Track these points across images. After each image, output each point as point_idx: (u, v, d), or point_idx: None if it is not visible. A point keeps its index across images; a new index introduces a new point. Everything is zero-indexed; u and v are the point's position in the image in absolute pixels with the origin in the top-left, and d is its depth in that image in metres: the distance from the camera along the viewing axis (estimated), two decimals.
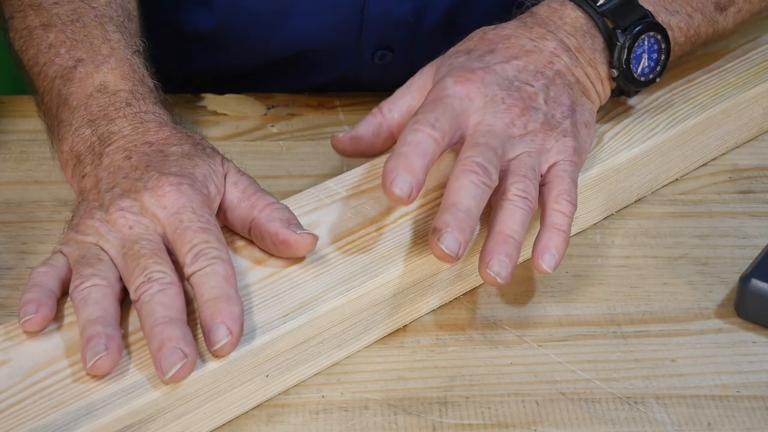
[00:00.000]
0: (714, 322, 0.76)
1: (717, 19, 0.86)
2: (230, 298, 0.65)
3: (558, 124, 0.77)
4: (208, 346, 0.64)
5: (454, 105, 0.75)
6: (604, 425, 0.68)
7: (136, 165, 0.71)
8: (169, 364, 0.62)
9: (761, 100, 0.91)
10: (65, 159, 0.76)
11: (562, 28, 0.81)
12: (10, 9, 0.85)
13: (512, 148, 0.75)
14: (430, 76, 0.80)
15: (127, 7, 0.84)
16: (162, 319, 0.63)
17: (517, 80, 0.77)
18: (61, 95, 0.77)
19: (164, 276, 0.65)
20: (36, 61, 0.80)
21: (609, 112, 0.85)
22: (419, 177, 0.71)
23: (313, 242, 0.70)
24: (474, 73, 0.76)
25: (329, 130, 0.93)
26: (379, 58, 1.01)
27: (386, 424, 0.68)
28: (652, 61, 0.82)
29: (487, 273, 0.70)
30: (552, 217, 0.74)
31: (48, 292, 0.67)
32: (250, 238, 0.72)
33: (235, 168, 0.74)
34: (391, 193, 0.70)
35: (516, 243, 0.71)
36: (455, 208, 0.70)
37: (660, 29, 0.82)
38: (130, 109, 0.75)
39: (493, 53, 0.79)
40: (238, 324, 0.64)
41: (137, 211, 0.69)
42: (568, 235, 0.74)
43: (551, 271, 0.72)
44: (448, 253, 0.69)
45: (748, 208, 0.85)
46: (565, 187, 0.75)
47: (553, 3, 0.82)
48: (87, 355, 0.62)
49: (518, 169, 0.74)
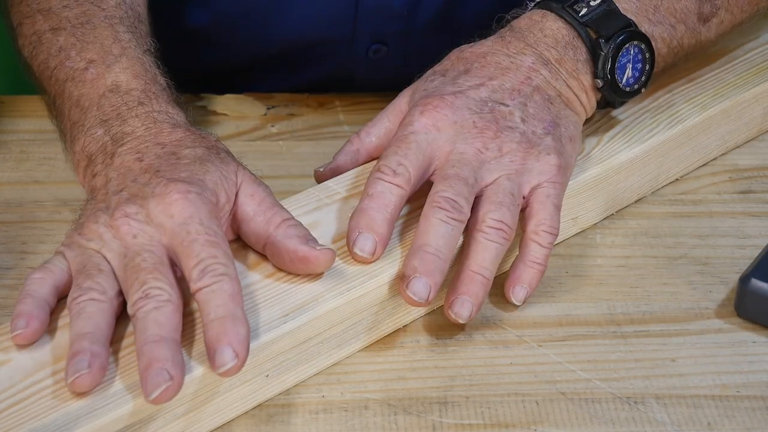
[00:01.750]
0: (714, 322, 0.76)
1: (700, 30, 0.85)
2: (236, 318, 0.64)
3: (539, 141, 0.76)
4: (213, 367, 0.63)
5: (419, 141, 0.74)
6: (604, 425, 0.68)
7: (146, 168, 0.70)
8: (153, 385, 0.61)
9: (761, 100, 0.91)
10: (77, 160, 0.75)
11: (542, 40, 0.80)
12: (18, 15, 0.84)
13: (488, 173, 0.74)
14: (407, 99, 0.80)
15: (137, 9, 0.84)
16: (153, 337, 0.63)
17: (490, 101, 0.76)
18: (73, 97, 0.77)
19: (162, 293, 0.64)
20: (47, 66, 0.80)
21: (609, 112, 0.85)
22: (382, 232, 0.71)
23: (332, 258, 0.69)
24: (443, 100, 0.76)
25: (329, 130, 0.93)
26: (373, 52, 1.01)
27: (386, 424, 0.68)
28: (636, 71, 0.81)
29: (449, 313, 0.71)
30: (529, 248, 0.74)
31: (40, 303, 0.66)
32: (264, 253, 0.71)
33: (250, 176, 0.73)
34: (354, 255, 0.71)
35: (484, 280, 0.71)
36: (423, 251, 0.70)
37: (644, 39, 0.81)
38: (143, 108, 0.75)
39: (467, 73, 0.78)
40: (244, 346, 0.63)
41: (142, 219, 0.68)
42: (544, 267, 0.74)
43: (520, 304, 0.74)
44: (417, 300, 0.69)
45: (748, 208, 0.85)
46: (546, 216, 0.74)
47: (534, 15, 0.81)
48: (69, 370, 0.62)
49: (495, 195, 0.73)
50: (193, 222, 0.67)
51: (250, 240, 0.72)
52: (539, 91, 0.78)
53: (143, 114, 0.74)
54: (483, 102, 0.76)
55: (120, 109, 0.75)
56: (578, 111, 0.80)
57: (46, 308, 0.66)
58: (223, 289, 0.65)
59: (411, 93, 0.80)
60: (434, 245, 0.70)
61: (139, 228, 0.67)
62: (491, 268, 0.72)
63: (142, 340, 0.63)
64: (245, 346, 0.63)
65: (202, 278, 0.65)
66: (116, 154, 0.72)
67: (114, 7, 0.82)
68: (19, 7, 0.84)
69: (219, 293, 0.64)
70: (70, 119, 0.76)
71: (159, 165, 0.70)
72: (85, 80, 0.77)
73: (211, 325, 0.64)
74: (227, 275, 0.65)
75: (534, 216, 0.74)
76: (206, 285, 0.65)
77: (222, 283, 0.65)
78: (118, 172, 0.71)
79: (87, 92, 0.76)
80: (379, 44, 1.00)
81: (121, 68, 0.77)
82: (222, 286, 0.65)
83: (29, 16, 0.83)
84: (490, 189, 0.74)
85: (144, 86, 0.76)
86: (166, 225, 0.67)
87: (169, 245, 0.67)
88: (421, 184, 0.75)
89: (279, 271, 0.71)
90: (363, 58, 1.01)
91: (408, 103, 0.79)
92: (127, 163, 0.71)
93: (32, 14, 0.82)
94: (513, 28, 0.81)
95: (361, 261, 0.71)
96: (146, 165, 0.71)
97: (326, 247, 0.70)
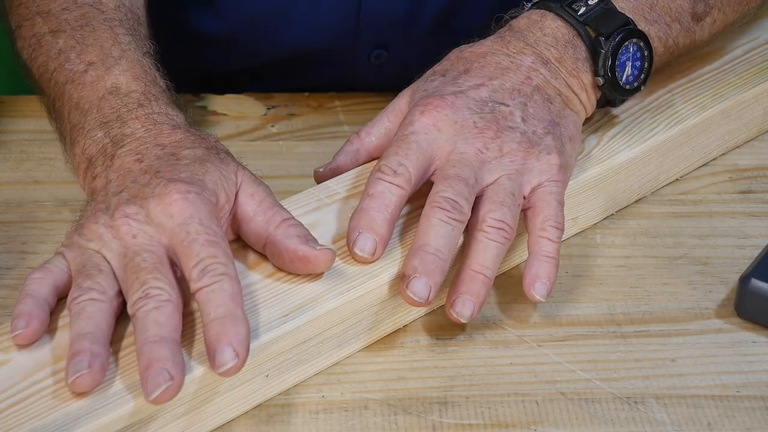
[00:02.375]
0: (714, 322, 0.76)
1: (694, 29, 0.85)
2: (236, 318, 0.64)
3: (539, 141, 0.76)
4: (213, 367, 0.63)
5: (419, 141, 0.74)
6: (604, 425, 0.68)
7: (146, 169, 0.70)
8: (153, 385, 0.61)
9: (761, 100, 0.91)
10: (77, 162, 0.75)
11: (542, 39, 0.80)
12: (17, 18, 0.84)
13: (489, 173, 0.74)
14: (407, 99, 0.80)
15: (136, 11, 0.84)
16: (153, 337, 0.63)
17: (491, 101, 0.76)
18: (73, 99, 0.77)
19: (161, 293, 0.65)
20: (46, 68, 0.80)
21: (609, 112, 0.85)
22: (382, 232, 0.71)
23: (332, 258, 0.69)
24: (443, 100, 0.76)
25: (329, 130, 0.94)
26: (375, 57, 1.01)
27: (386, 424, 0.68)
28: (636, 69, 0.81)
29: (450, 312, 0.71)
30: (539, 244, 0.73)
31: (40, 303, 0.66)
32: (264, 252, 0.71)
33: (250, 177, 0.73)
34: (354, 255, 0.71)
35: (485, 279, 0.71)
36: (423, 251, 0.70)
37: (642, 36, 0.81)
38: (143, 110, 0.75)
39: (467, 73, 0.78)
40: (244, 346, 0.63)
41: (142, 219, 0.68)
42: (558, 261, 0.73)
43: (543, 299, 0.73)
44: (417, 300, 0.69)
45: (748, 208, 0.85)
46: (551, 212, 0.74)
47: (533, 14, 0.81)
48: (69, 371, 0.62)
49: (495, 195, 0.73)
50: (193, 222, 0.67)
51: (250, 240, 0.72)
52: (539, 90, 0.78)
53: (143, 116, 0.74)
54: (483, 102, 0.76)
55: (120, 111, 0.75)
56: (578, 110, 0.80)
57: (46, 308, 0.66)
58: (223, 289, 0.65)
59: (411, 93, 0.80)
60: (434, 245, 0.70)
61: (139, 228, 0.67)
62: (492, 268, 0.72)
63: (143, 340, 0.63)
64: (245, 346, 0.63)
65: (201, 278, 0.65)
66: (116, 155, 0.72)
67: (113, 9, 0.81)
68: (18, 9, 0.84)
69: (219, 293, 0.64)
70: (69, 122, 0.76)
71: (159, 166, 0.70)
72: (84, 83, 0.77)
73: (211, 325, 0.64)
74: (227, 275, 0.65)
75: (540, 213, 0.74)
76: (206, 285, 0.65)
77: (222, 282, 0.65)
78: (118, 174, 0.71)
79: (87, 95, 0.76)
80: (381, 49, 1.00)
81: (121, 70, 0.77)
82: (222, 285, 0.65)
83: (28, 19, 0.83)
84: (491, 189, 0.74)
85: (144, 88, 0.76)
86: (165, 225, 0.67)
87: (169, 245, 0.67)
88: (422, 184, 0.75)
89: (279, 271, 0.71)
90: (365, 64, 1.01)
91: (408, 103, 0.79)
92: (127, 164, 0.71)
93: (31, 17, 0.82)
94: (512, 27, 0.81)
95: (361, 261, 0.71)
96: (146, 166, 0.71)
97: (326, 247, 0.70)
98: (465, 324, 0.74)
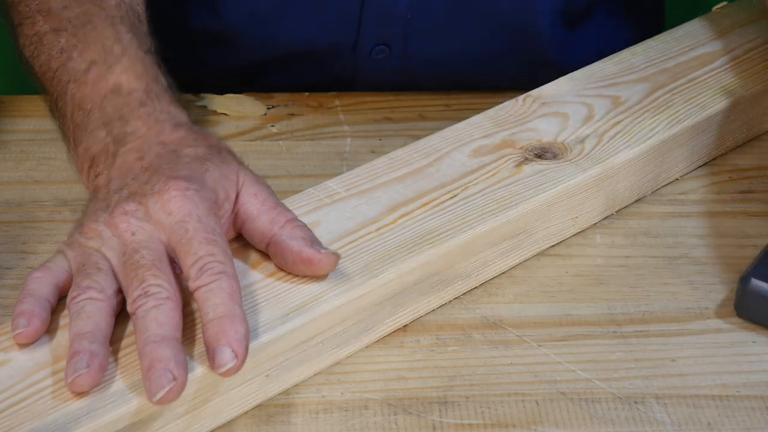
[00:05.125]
0: (714, 322, 0.76)
1: None
2: (235, 317, 0.63)
3: None
4: (213, 367, 0.63)
5: None
6: (604, 425, 0.68)
7: (146, 166, 0.70)
8: (157, 387, 0.61)
9: (761, 100, 0.91)
10: (80, 162, 0.75)
11: None
12: (18, 16, 0.84)
13: None
14: None
15: (136, 8, 0.84)
16: (154, 337, 0.62)
17: None
18: (75, 99, 0.77)
19: (161, 290, 0.64)
20: (48, 67, 0.80)
21: (609, 112, 0.85)
22: None
23: (336, 261, 0.69)
24: None
25: (329, 130, 0.93)
26: (376, 53, 1.01)
27: (386, 424, 0.68)
28: None
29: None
30: None
31: (41, 302, 0.66)
32: (266, 252, 0.71)
33: (252, 176, 0.72)
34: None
35: None
36: None
37: None
38: (145, 109, 0.75)
39: None
40: (243, 346, 0.63)
41: (141, 216, 0.68)
42: None
43: None
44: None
45: (748, 208, 0.85)
46: None
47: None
48: (68, 370, 0.62)
49: None
50: (192, 219, 0.67)
51: (253, 239, 0.72)
52: None
53: (145, 114, 0.74)
54: None
55: (122, 110, 0.75)
56: None
57: (47, 307, 0.66)
58: (221, 288, 0.64)
59: None
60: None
61: (138, 225, 0.67)
62: None
63: (143, 340, 0.63)
64: (244, 346, 0.63)
65: (200, 276, 0.65)
66: (118, 154, 0.72)
67: (114, 7, 0.82)
68: (18, 7, 0.84)
69: (217, 291, 0.64)
70: (72, 121, 0.77)
71: (159, 163, 0.70)
72: (87, 82, 0.77)
73: (209, 324, 0.63)
74: (225, 273, 0.65)
75: None
76: (204, 283, 0.65)
77: (220, 281, 0.65)
78: (119, 172, 0.71)
79: (89, 94, 0.76)
80: (383, 46, 1.01)
81: (123, 69, 0.77)
82: (220, 284, 0.65)
83: (28, 17, 0.83)
84: None
85: (146, 86, 0.76)
86: (164, 222, 0.67)
87: (167, 242, 0.67)
88: None
89: (279, 271, 0.71)
90: (366, 60, 1.01)
91: None
92: (129, 162, 0.71)
93: (31, 15, 0.82)
94: None
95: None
96: (147, 164, 0.71)
97: (330, 251, 0.69)
98: (465, 324, 0.74)
